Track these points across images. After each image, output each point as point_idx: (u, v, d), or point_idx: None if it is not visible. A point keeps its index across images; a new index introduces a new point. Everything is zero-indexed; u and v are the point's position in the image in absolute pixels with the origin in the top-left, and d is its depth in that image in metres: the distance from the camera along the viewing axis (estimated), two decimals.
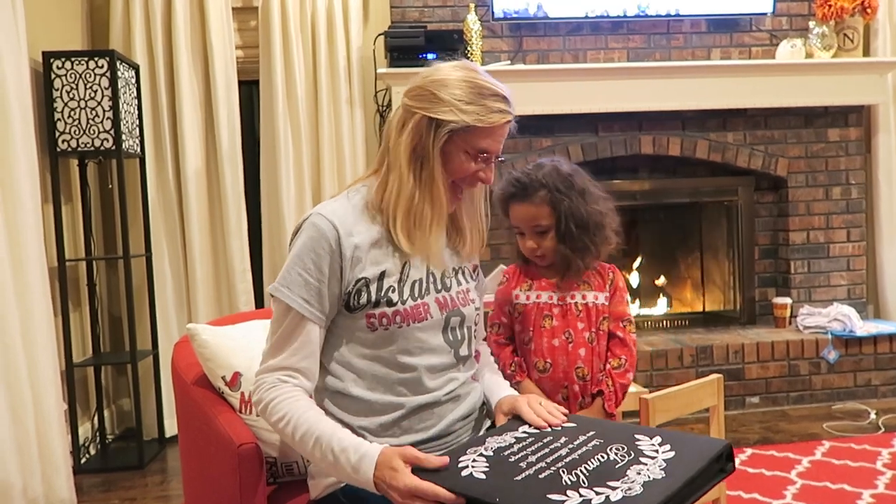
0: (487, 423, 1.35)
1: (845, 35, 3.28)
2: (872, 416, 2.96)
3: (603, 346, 1.53)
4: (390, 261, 1.19)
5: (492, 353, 1.51)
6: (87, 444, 2.80)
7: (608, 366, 1.52)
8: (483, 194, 1.32)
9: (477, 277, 1.38)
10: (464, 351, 1.28)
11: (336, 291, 1.17)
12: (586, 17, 3.20)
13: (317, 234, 1.15)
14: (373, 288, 1.17)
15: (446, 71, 1.19)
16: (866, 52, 3.39)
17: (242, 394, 1.40)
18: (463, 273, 1.31)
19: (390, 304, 1.17)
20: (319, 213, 1.18)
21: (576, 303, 1.51)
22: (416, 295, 1.20)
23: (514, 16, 3.14)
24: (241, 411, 1.39)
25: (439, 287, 1.24)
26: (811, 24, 3.27)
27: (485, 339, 1.53)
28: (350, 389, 1.19)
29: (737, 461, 2.48)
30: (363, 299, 1.17)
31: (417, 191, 1.17)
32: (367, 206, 1.21)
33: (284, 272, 1.17)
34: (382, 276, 1.18)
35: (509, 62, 3.18)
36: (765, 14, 3.31)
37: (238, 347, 1.43)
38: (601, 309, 1.52)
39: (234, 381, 1.40)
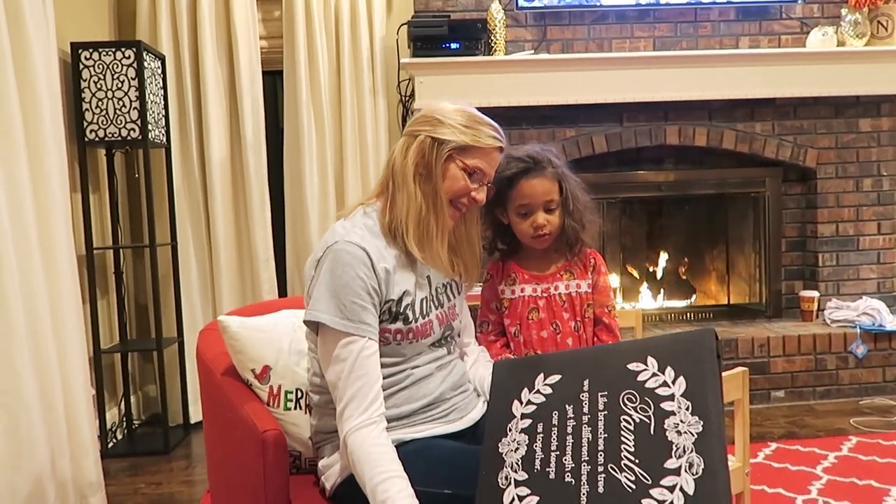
0: (480, 399, 1.41)
1: (879, 23, 3.20)
2: None
3: (589, 332, 1.56)
4: (407, 281, 1.28)
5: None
6: (114, 429, 2.86)
7: None
8: (477, 224, 1.43)
9: (462, 290, 1.47)
10: (452, 348, 1.41)
11: (378, 310, 1.24)
12: (612, 5, 3.16)
13: (355, 262, 1.20)
14: (394, 307, 1.25)
15: (446, 105, 1.34)
16: None
17: (271, 387, 1.40)
18: (452, 287, 1.42)
19: (406, 321, 1.26)
20: (348, 241, 1.22)
21: (559, 293, 1.55)
22: (425, 312, 1.30)
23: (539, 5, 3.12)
24: (269, 404, 1.40)
25: (437, 304, 1.34)
26: (843, 11, 3.19)
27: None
28: None
29: (761, 455, 2.46)
30: (385, 316, 1.25)
31: (424, 204, 1.27)
32: (381, 230, 1.29)
33: (338, 304, 1.19)
34: (404, 295, 1.27)
35: (533, 52, 3.16)
36: (795, 1, 3.25)
37: (268, 340, 1.43)
38: (584, 297, 1.56)
39: (264, 374, 1.41)
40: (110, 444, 2.78)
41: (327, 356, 1.21)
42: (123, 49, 2.66)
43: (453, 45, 3.00)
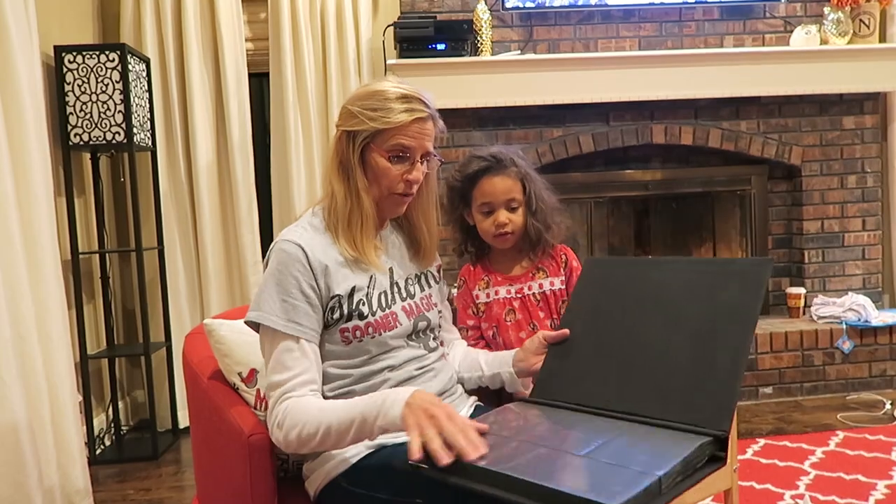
0: (470, 400, 1.38)
1: (861, 21, 3.23)
2: (888, 406, 2.94)
3: None
4: (357, 276, 1.24)
5: None
6: (101, 436, 2.83)
7: None
8: (434, 197, 1.37)
9: (440, 280, 1.43)
10: (433, 345, 1.35)
11: (319, 307, 1.21)
12: (597, 5, 3.18)
13: (289, 259, 1.19)
14: (345, 304, 1.22)
15: (367, 86, 1.27)
16: (882, 38, 3.34)
17: (258, 390, 1.40)
18: (426, 277, 1.38)
19: (361, 316, 1.23)
20: (285, 239, 1.22)
21: (533, 293, 1.55)
22: (385, 305, 1.26)
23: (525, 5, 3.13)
24: (256, 408, 1.38)
25: (404, 295, 1.31)
26: (826, 9, 3.22)
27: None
28: (328, 395, 1.24)
29: (749, 451, 2.48)
30: (336, 315, 1.22)
31: (348, 201, 1.24)
32: (327, 227, 1.26)
33: (268, 301, 1.18)
34: (353, 291, 1.23)
35: (519, 52, 3.16)
36: (779, 0, 3.27)
37: (255, 343, 1.41)
38: (559, 294, 1.56)
39: (251, 377, 1.40)
40: (98, 451, 2.76)
41: (265, 355, 1.20)
42: (107, 52, 2.64)
43: (439, 46, 3.00)
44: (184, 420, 3.00)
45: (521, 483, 0.87)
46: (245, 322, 1.22)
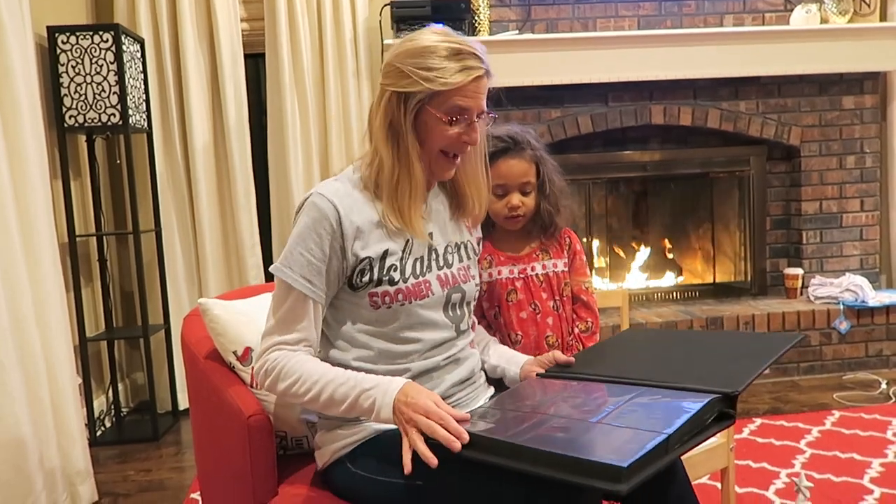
0: (490, 391, 1.37)
1: None
2: (883, 385, 2.95)
3: (568, 310, 1.57)
4: (392, 240, 1.21)
5: None
6: (102, 417, 2.85)
7: (576, 329, 1.57)
8: (482, 156, 1.32)
9: (479, 252, 1.41)
10: (464, 326, 1.31)
11: (338, 270, 1.19)
12: None
13: (318, 215, 1.16)
14: (376, 267, 1.19)
15: (413, 40, 1.18)
16: (883, 17, 3.31)
17: (253, 368, 1.40)
18: (465, 248, 1.34)
19: (392, 282, 1.19)
20: (320, 193, 1.18)
21: (536, 274, 1.55)
22: (418, 273, 1.22)
23: None
24: (252, 385, 1.39)
25: (441, 264, 1.26)
26: None
27: None
28: (352, 363, 1.22)
29: (746, 431, 2.49)
30: (366, 278, 1.19)
31: (396, 167, 1.19)
32: (366, 185, 1.22)
33: (287, 252, 1.18)
34: (385, 255, 1.19)
35: (517, 31, 3.14)
36: None
37: (249, 322, 1.42)
38: (562, 276, 1.56)
39: (246, 355, 1.40)
40: (98, 433, 2.77)
41: (275, 298, 1.20)
42: (101, 33, 2.61)
43: (436, 26, 2.96)
44: (184, 401, 3.01)
45: (536, 452, 0.90)
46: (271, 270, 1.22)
